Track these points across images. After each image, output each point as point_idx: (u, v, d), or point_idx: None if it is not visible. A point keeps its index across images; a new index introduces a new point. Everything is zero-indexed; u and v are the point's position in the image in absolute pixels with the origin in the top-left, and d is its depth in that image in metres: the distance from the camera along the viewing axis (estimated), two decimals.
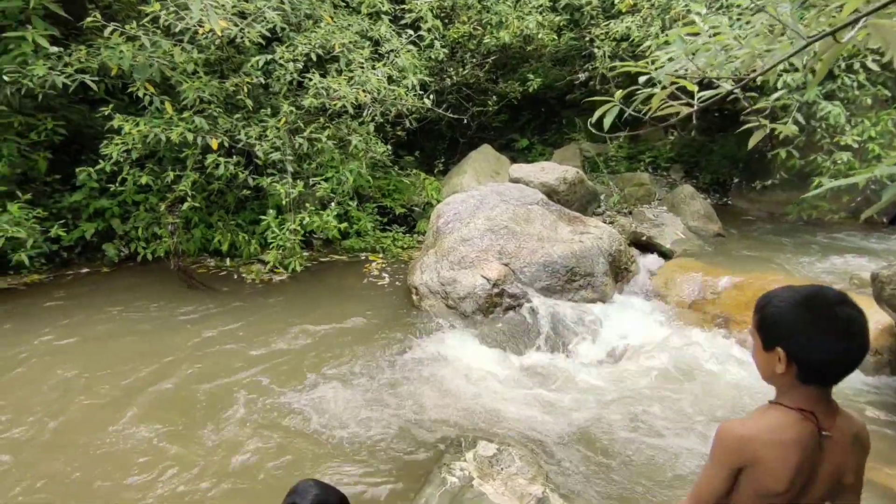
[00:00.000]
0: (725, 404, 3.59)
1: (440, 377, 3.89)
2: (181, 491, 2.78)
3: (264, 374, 3.87)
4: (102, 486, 2.82)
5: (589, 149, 8.47)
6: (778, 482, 1.24)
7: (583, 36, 7.54)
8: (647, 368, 4.07)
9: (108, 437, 3.18)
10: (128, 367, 3.95)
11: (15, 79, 4.89)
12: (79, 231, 5.84)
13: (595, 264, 5.20)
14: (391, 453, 3.06)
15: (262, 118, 5.40)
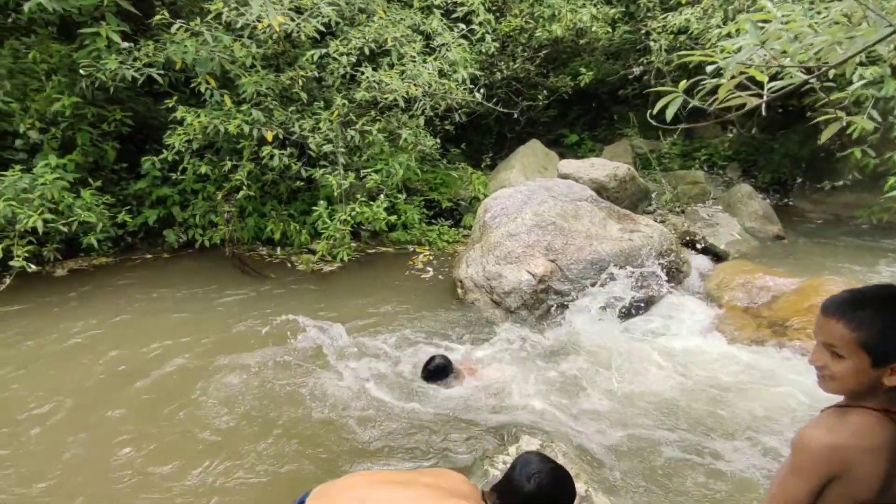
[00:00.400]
0: (778, 414, 3.43)
1: (482, 371, 3.89)
2: (220, 470, 2.90)
3: (305, 359, 3.99)
4: (135, 449, 2.97)
5: (641, 145, 8.23)
6: (870, 490, 1.16)
7: (638, 29, 7.32)
8: (696, 373, 3.94)
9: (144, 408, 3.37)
10: (175, 343, 4.19)
11: (90, 72, 5.20)
12: (142, 217, 6.16)
13: (645, 262, 5.07)
14: (432, 444, 3.08)
15: (316, 111, 5.53)
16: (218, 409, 3.39)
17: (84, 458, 2.97)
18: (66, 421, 3.29)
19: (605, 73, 8.25)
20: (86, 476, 2.85)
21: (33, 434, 3.16)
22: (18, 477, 2.83)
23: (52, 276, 5.50)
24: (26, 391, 3.57)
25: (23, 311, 4.76)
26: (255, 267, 5.81)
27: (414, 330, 4.51)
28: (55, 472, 2.87)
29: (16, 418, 3.30)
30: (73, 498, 2.69)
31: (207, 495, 2.71)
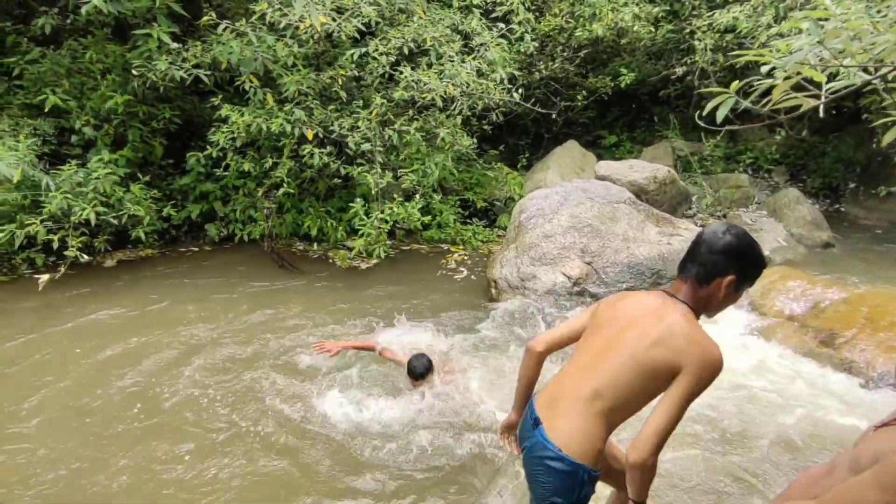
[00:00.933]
0: (821, 429, 3.29)
1: (513, 371, 3.87)
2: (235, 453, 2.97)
3: (332, 356, 4.05)
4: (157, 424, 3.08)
5: (682, 147, 8.02)
6: None
7: (682, 28, 7.14)
8: (737, 384, 3.80)
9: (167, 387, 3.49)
10: (204, 331, 4.37)
11: (141, 72, 5.41)
12: (186, 211, 6.37)
13: None
14: (462, 442, 3.08)
15: (354, 110, 5.60)
16: (229, 398, 3.48)
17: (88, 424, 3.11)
18: (79, 394, 3.45)
19: (646, 74, 8.08)
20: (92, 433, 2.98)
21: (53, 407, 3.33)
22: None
23: (102, 267, 5.74)
24: (57, 368, 3.78)
25: (74, 297, 4.99)
26: (292, 262, 5.93)
27: (445, 329, 4.51)
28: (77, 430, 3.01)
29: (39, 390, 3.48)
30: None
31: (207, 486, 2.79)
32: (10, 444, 3.06)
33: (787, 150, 8.19)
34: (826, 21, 1.61)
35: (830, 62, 1.41)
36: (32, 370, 3.82)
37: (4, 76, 5.88)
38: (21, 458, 2.94)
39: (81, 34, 6.17)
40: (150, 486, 2.76)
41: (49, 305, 4.80)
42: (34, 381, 3.69)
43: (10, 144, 4.99)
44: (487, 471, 2.84)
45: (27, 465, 2.90)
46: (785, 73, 1.35)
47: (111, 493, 2.70)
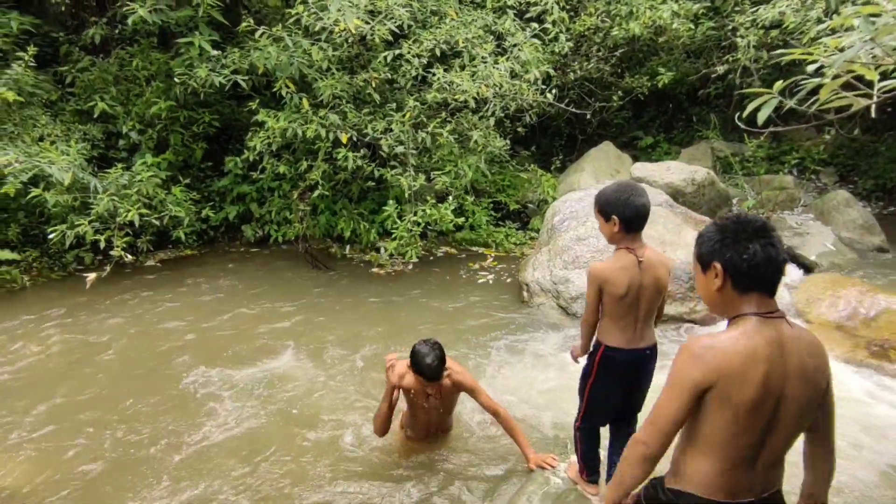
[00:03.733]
0: (874, 440, 3.12)
1: (545, 376, 3.82)
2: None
3: (366, 350, 4.08)
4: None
5: (722, 148, 7.76)
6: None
7: (724, 25, 6.90)
8: None
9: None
10: (243, 328, 4.48)
11: (183, 79, 5.59)
12: (223, 213, 6.55)
13: None
14: (492, 447, 3.05)
15: (388, 113, 5.64)
16: (247, 397, 3.54)
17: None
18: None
19: (685, 73, 7.85)
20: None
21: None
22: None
23: (144, 266, 5.96)
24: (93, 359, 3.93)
25: (119, 294, 5.20)
26: (326, 262, 6.02)
27: (475, 332, 4.49)
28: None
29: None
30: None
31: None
32: (46, 439, 3.20)
33: (836, 150, 7.82)
34: (878, 17, 1.52)
35: (883, 59, 1.33)
36: (77, 364, 3.99)
37: (58, 84, 6.18)
38: (54, 455, 3.07)
39: (128, 43, 6.43)
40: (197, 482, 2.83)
41: (95, 302, 5.01)
42: (78, 374, 3.85)
43: (63, 149, 5.23)
44: (517, 476, 2.81)
45: (60, 461, 3.02)
46: (834, 72, 1.28)
47: (156, 489, 2.79)
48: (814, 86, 1.35)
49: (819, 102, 1.33)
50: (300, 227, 6.00)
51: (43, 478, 2.83)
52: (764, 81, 6.56)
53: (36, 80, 5.71)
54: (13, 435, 3.18)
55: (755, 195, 6.86)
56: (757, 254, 1.33)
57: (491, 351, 4.17)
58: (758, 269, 1.34)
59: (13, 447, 3.08)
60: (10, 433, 3.19)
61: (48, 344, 4.26)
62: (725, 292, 1.39)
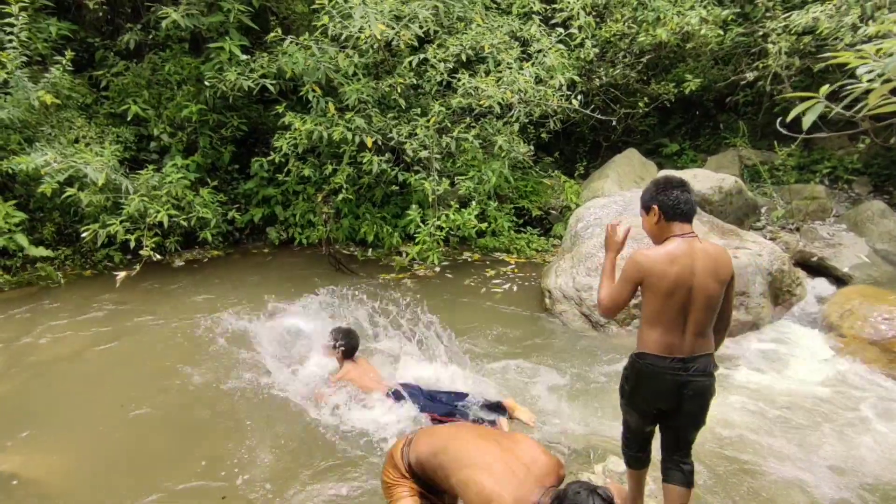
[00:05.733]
0: None
1: (565, 383, 3.77)
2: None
3: (388, 351, 4.08)
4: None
5: (751, 156, 7.61)
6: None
7: (754, 31, 6.78)
8: (808, 410, 3.54)
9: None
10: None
11: (213, 83, 5.71)
12: (249, 215, 6.65)
13: (751, 283, 4.67)
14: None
15: (412, 117, 5.67)
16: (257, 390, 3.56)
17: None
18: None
19: (712, 79, 7.74)
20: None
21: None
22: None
23: (171, 266, 6.07)
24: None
25: (146, 292, 5.30)
26: (349, 266, 6.06)
27: (496, 337, 4.47)
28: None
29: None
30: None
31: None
32: (78, 432, 3.26)
33: (871, 160, 7.60)
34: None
35: None
36: (108, 358, 4.08)
37: (93, 87, 6.36)
38: (77, 453, 3.13)
39: (161, 48, 6.59)
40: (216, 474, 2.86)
41: (125, 299, 5.12)
42: (110, 367, 3.94)
43: (97, 150, 5.38)
44: None
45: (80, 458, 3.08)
46: (882, 77, 1.24)
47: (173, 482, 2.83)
48: (861, 91, 1.31)
49: (868, 108, 1.29)
50: (324, 231, 6.06)
51: (73, 470, 2.89)
52: (795, 88, 6.43)
53: (72, 83, 5.89)
54: (45, 427, 3.25)
55: (785, 204, 6.71)
56: (679, 196, 2.07)
57: (507, 353, 4.14)
58: (678, 206, 2.07)
59: (41, 440, 3.15)
60: (43, 426, 3.27)
61: (82, 338, 4.36)
62: (660, 224, 2.10)
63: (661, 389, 2.06)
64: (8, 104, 5.19)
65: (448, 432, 2.20)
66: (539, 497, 1.78)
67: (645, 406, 2.14)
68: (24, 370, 3.89)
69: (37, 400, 3.56)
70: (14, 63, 5.20)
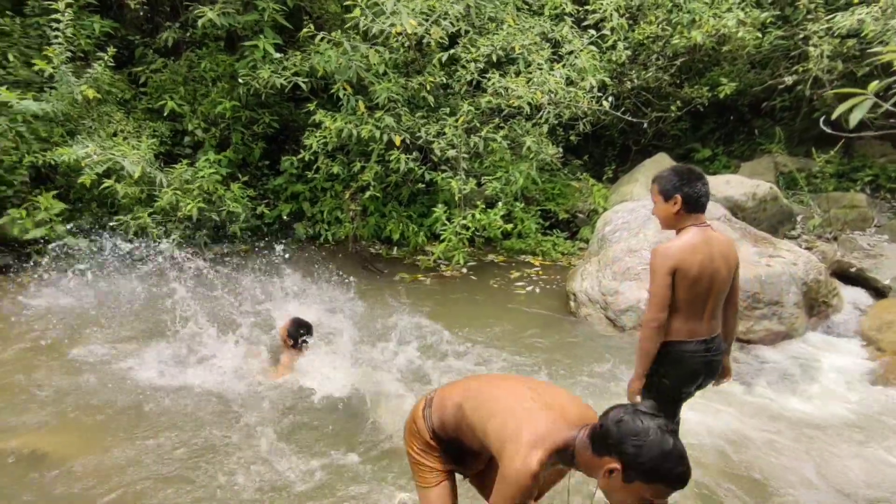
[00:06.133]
0: None
1: (591, 389, 3.72)
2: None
3: (412, 354, 4.08)
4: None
5: (787, 163, 7.40)
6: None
7: (794, 34, 6.59)
8: (835, 429, 3.38)
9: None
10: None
11: (247, 81, 5.82)
12: (277, 210, 6.74)
13: (784, 292, 4.54)
14: None
15: (441, 117, 5.68)
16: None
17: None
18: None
19: (748, 83, 7.55)
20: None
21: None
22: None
23: (202, 259, 6.19)
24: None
25: (178, 279, 5.41)
26: (375, 264, 6.09)
27: (520, 340, 4.43)
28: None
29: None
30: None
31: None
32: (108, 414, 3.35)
33: None
34: None
35: None
36: (143, 343, 4.18)
37: (132, 83, 6.55)
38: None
39: (198, 46, 6.75)
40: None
41: (159, 290, 5.24)
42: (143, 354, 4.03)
43: (134, 144, 5.54)
44: None
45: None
46: None
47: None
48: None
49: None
50: (350, 228, 6.11)
51: (110, 453, 2.97)
52: (837, 94, 6.22)
53: (112, 79, 6.08)
54: (74, 407, 3.35)
55: (822, 213, 6.50)
56: (701, 189, 2.17)
57: (535, 360, 4.10)
58: (700, 199, 2.18)
59: (72, 420, 3.24)
60: (73, 407, 3.36)
61: (115, 326, 4.48)
62: (680, 214, 2.18)
63: (694, 371, 2.23)
64: (53, 98, 5.38)
65: (469, 382, 1.99)
66: (577, 433, 1.58)
67: (683, 392, 2.28)
68: (47, 356, 4.00)
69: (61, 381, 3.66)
70: (60, 58, 5.39)
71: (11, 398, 3.40)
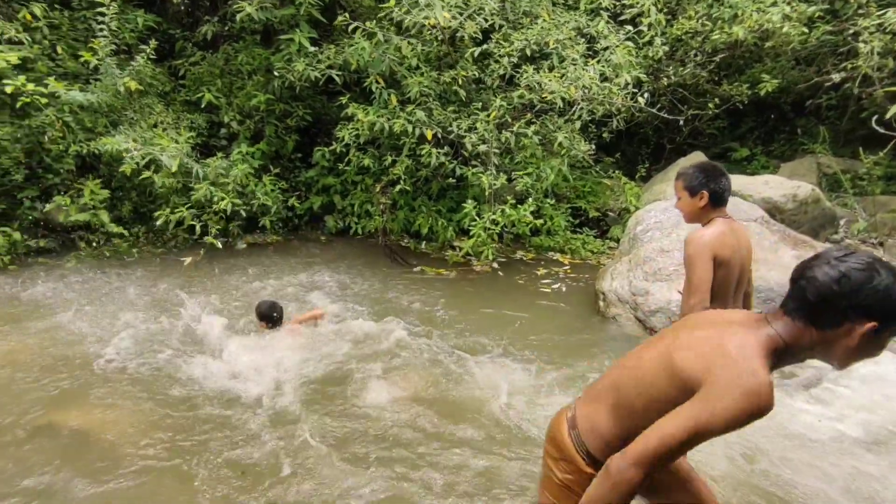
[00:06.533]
0: None
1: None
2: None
3: (444, 347, 4.09)
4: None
5: (831, 164, 7.13)
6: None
7: (843, 29, 6.33)
8: (878, 440, 3.24)
9: None
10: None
11: (282, 73, 5.90)
12: (308, 203, 6.84)
13: None
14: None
15: (473, 111, 5.65)
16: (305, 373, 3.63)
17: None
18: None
19: (792, 81, 7.29)
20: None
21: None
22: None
23: (234, 249, 6.34)
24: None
25: (210, 274, 5.56)
26: (404, 257, 6.12)
27: (547, 339, 4.39)
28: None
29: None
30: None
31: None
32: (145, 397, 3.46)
33: None
34: None
35: None
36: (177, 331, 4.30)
37: (171, 76, 6.73)
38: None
39: (235, 40, 6.89)
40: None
41: (192, 278, 5.39)
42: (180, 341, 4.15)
43: (173, 136, 5.69)
44: None
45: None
46: None
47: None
48: None
49: None
50: (380, 221, 6.15)
51: (144, 432, 3.07)
52: (888, 92, 5.94)
53: (154, 71, 6.26)
54: (115, 392, 3.47)
55: (867, 217, 6.24)
56: (725, 185, 2.28)
57: (554, 356, 4.06)
58: (724, 194, 2.28)
59: (115, 404, 3.35)
60: (114, 391, 3.49)
61: (153, 312, 4.62)
62: (706, 208, 2.29)
63: None
64: (97, 89, 5.57)
65: (611, 372, 1.64)
66: (769, 329, 1.39)
67: None
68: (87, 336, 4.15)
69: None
70: (104, 50, 5.57)
71: (71, 372, 3.57)
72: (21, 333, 4.11)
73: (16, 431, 3.00)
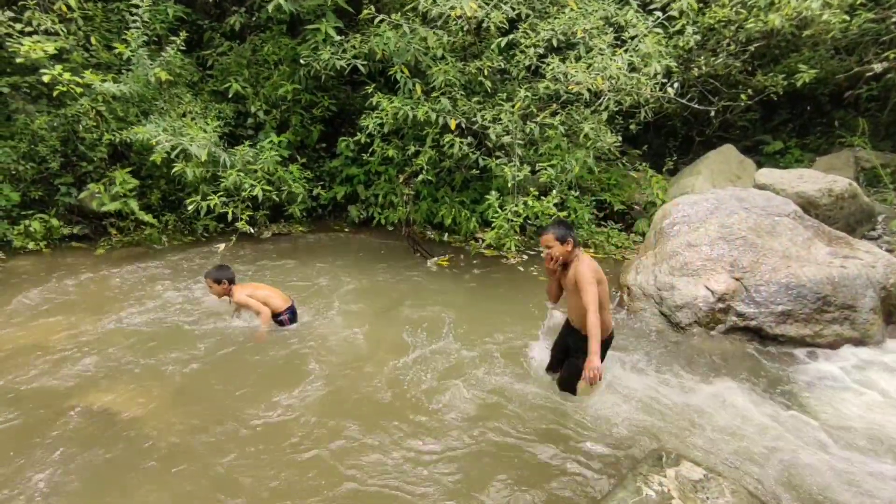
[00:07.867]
0: None
1: (640, 385, 3.61)
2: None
3: (461, 345, 4.08)
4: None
5: (870, 157, 6.87)
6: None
7: (886, 17, 6.06)
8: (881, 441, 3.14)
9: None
10: (342, 302, 4.66)
11: (308, 62, 5.94)
12: (332, 192, 6.89)
13: (860, 296, 4.23)
14: (583, 446, 2.95)
15: (498, 102, 5.60)
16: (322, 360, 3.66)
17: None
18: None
19: (831, 71, 7.02)
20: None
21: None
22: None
23: (260, 238, 6.44)
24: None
25: (238, 259, 5.66)
26: (427, 248, 6.13)
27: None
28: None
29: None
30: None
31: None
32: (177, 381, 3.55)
33: None
34: None
35: None
36: (208, 320, 4.41)
37: (200, 66, 6.83)
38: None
39: (261, 30, 6.95)
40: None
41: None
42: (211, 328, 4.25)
43: (202, 125, 5.78)
44: (608, 475, 2.69)
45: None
46: None
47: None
48: None
49: None
50: (403, 211, 6.16)
51: (169, 414, 3.16)
52: None
53: (183, 62, 6.36)
54: (149, 376, 3.58)
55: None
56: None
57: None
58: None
59: (146, 388, 3.46)
60: (146, 376, 3.59)
61: (188, 298, 4.72)
62: (572, 250, 3.13)
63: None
64: (129, 80, 5.69)
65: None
66: None
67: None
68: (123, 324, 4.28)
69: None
70: (137, 42, 5.68)
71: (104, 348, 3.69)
72: (61, 314, 4.27)
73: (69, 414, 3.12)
